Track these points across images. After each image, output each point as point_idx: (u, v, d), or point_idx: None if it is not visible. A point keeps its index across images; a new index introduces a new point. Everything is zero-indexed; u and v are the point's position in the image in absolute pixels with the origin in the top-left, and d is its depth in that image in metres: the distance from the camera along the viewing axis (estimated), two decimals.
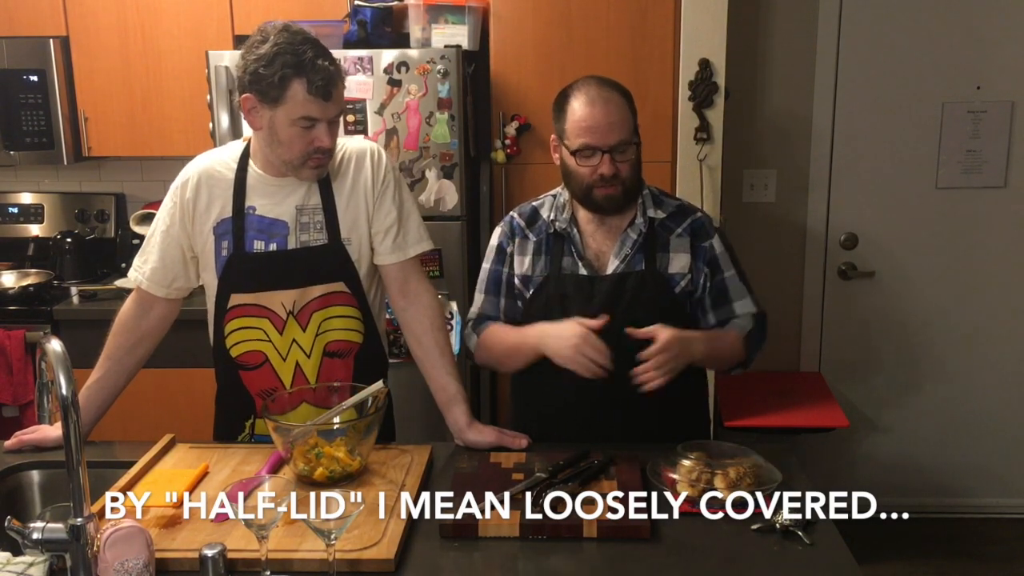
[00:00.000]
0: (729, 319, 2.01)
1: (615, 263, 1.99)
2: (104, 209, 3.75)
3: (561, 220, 2.02)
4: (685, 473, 1.72)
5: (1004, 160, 3.53)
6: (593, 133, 1.90)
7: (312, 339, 2.01)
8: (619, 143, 1.90)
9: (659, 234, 2.01)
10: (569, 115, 1.94)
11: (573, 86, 1.98)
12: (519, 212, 2.10)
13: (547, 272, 2.01)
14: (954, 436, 3.76)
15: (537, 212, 2.08)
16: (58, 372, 1.39)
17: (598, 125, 1.90)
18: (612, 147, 1.90)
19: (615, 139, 1.90)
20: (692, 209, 2.07)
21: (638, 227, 1.99)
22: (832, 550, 1.54)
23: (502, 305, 2.08)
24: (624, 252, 1.99)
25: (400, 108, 3.02)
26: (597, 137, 1.90)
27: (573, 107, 1.93)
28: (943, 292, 3.65)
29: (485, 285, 2.10)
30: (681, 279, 1.99)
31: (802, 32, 3.49)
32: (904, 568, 3.44)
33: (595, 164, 1.91)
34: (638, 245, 1.99)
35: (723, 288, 2.01)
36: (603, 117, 1.90)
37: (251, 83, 1.86)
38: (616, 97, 1.93)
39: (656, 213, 2.01)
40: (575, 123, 1.92)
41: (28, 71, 3.39)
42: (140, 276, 2.05)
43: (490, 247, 2.11)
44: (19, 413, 3.27)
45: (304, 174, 1.95)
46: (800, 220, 3.64)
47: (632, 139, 1.93)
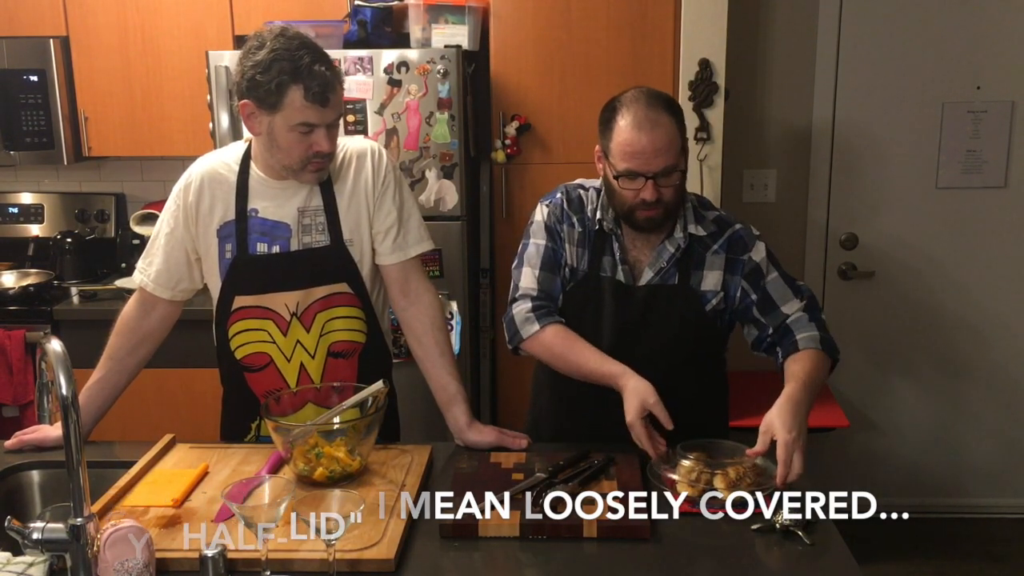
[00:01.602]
0: (782, 322, 1.95)
1: (649, 274, 1.96)
2: (104, 209, 3.75)
3: (608, 220, 1.97)
4: (685, 473, 1.72)
5: (1004, 160, 3.53)
6: (637, 159, 1.83)
7: (316, 340, 2.01)
8: (664, 169, 1.84)
9: (695, 249, 1.96)
10: (615, 135, 1.86)
11: (621, 102, 1.88)
12: (566, 195, 2.03)
13: (587, 269, 1.99)
14: (954, 436, 3.75)
15: (583, 204, 2.01)
16: (58, 372, 1.39)
17: (644, 151, 1.82)
18: (656, 173, 1.83)
19: (660, 165, 1.83)
20: (730, 222, 2.00)
21: (676, 241, 1.95)
22: (832, 550, 1.54)
23: (559, 284, 2.00)
24: (659, 264, 1.95)
25: (400, 108, 3.01)
26: (641, 163, 1.83)
27: (620, 126, 1.85)
28: (943, 292, 3.65)
29: (542, 261, 1.99)
30: (713, 297, 1.96)
31: (802, 32, 3.49)
32: (904, 568, 3.44)
33: (638, 188, 1.85)
34: (674, 260, 1.95)
35: (767, 296, 1.96)
36: (649, 143, 1.82)
37: (248, 89, 1.86)
38: (664, 119, 1.84)
39: (696, 230, 1.95)
40: (620, 145, 1.85)
41: (28, 71, 3.38)
42: (145, 278, 2.05)
43: (536, 224, 2.03)
44: (19, 413, 3.27)
45: (304, 178, 1.95)
46: (800, 220, 3.64)
47: (679, 164, 1.86)
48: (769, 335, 1.97)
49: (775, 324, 1.95)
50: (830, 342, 1.95)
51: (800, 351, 1.91)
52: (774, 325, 1.96)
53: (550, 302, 1.99)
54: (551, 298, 1.99)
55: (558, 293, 2.00)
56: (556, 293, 2.00)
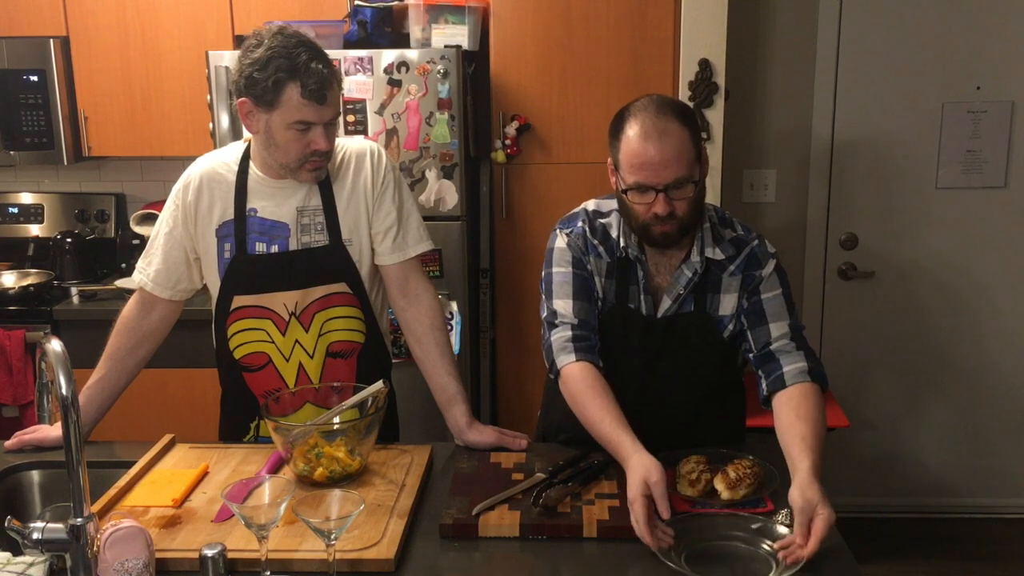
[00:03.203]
0: (766, 343, 1.84)
1: (667, 303, 1.88)
2: (104, 209, 3.75)
3: (632, 246, 1.87)
4: (685, 473, 1.72)
5: (1004, 160, 3.53)
6: (646, 171, 1.73)
7: (315, 340, 2.01)
8: (675, 181, 1.73)
9: (713, 273, 1.87)
10: (623, 145, 1.77)
11: (630, 111, 1.79)
12: (588, 223, 1.92)
13: (615, 300, 1.90)
14: (954, 436, 3.75)
15: (608, 232, 1.90)
16: (58, 372, 1.39)
17: (651, 162, 1.73)
18: (667, 186, 1.73)
19: (670, 177, 1.73)
20: (748, 238, 1.90)
21: (693, 265, 1.85)
22: (832, 550, 1.54)
23: (595, 314, 1.90)
24: (677, 291, 1.87)
25: (400, 108, 3.02)
26: (650, 175, 1.73)
27: (628, 136, 1.76)
28: (943, 292, 3.65)
29: (574, 290, 1.89)
30: (730, 322, 1.88)
31: (802, 32, 3.49)
32: (904, 568, 3.44)
33: (649, 202, 1.75)
34: (692, 285, 1.86)
35: (760, 309, 1.86)
36: (657, 154, 1.72)
37: (246, 87, 1.86)
38: (674, 127, 1.74)
39: (715, 253, 1.85)
40: (628, 157, 1.75)
41: (28, 71, 3.39)
42: (144, 278, 2.05)
43: (560, 252, 1.92)
44: (19, 413, 3.28)
45: (302, 177, 1.95)
46: (800, 220, 3.64)
47: (692, 176, 1.75)
48: (751, 352, 1.87)
49: (760, 342, 1.85)
50: (820, 373, 1.81)
51: (792, 386, 1.78)
52: (758, 343, 1.86)
53: (590, 332, 1.87)
54: (590, 328, 1.88)
55: (595, 323, 1.89)
56: (595, 323, 1.89)
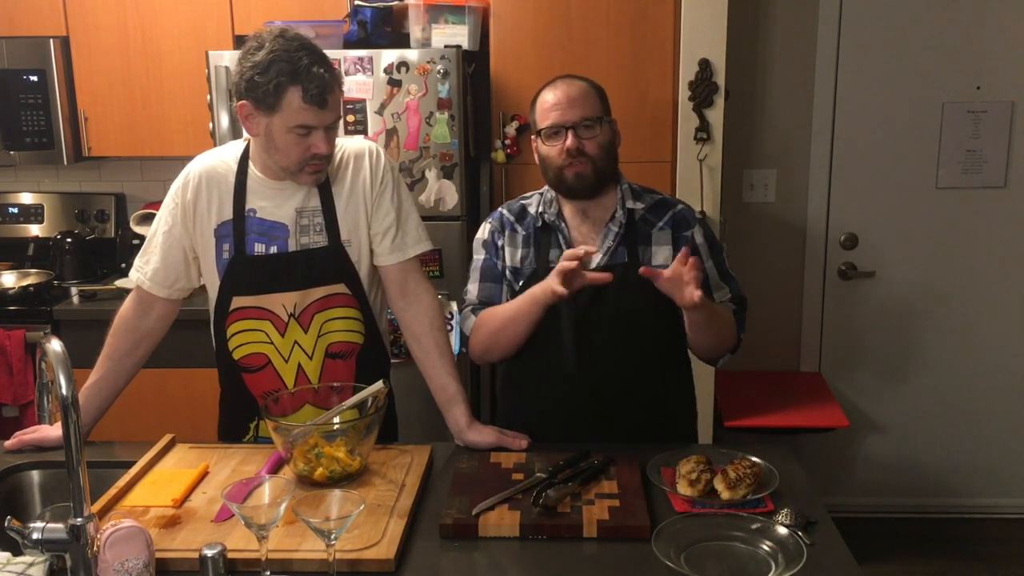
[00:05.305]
0: None
1: (598, 257, 2.00)
2: (104, 209, 3.75)
3: (549, 213, 2.04)
4: (685, 473, 1.72)
5: (1004, 160, 3.53)
6: (555, 112, 1.96)
7: (314, 341, 2.01)
8: (582, 119, 1.95)
9: (641, 228, 2.02)
10: (538, 106, 2.01)
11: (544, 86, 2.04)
12: (508, 208, 2.13)
13: (535, 264, 2.03)
14: (954, 436, 3.75)
15: (525, 208, 2.10)
16: (58, 372, 1.39)
17: (559, 102, 1.96)
18: (576, 123, 1.94)
19: (578, 115, 1.95)
20: (673, 202, 2.08)
21: (618, 220, 2.01)
22: (832, 550, 1.54)
23: (503, 292, 2.08)
24: (607, 245, 2.00)
25: (400, 108, 3.02)
26: (559, 114, 1.95)
27: (541, 97, 2.01)
28: (943, 292, 3.65)
29: (480, 274, 2.10)
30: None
31: (802, 32, 3.49)
32: (904, 568, 3.44)
33: (561, 144, 1.95)
34: (620, 238, 2.00)
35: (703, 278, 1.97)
36: (564, 96, 1.96)
37: (247, 90, 1.85)
38: (579, 82, 2.00)
39: (635, 205, 2.02)
40: (541, 109, 1.99)
41: (28, 71, 3.39)
42: (142, 276, 2.05)
43: (478, 241, 2.13)
44: (19, 413, 3.28)
45: (302, 179, 1.95)
46: (800, 220, 3.64)
47: (597, 118, 1.96)
48: None
49: None
50: (742, 319, 2.04)
51: None
52: None
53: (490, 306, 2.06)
54: (492, 304, 2.06)
55: (499, 299, 2.07)
56: (497, 300, 2.07)
